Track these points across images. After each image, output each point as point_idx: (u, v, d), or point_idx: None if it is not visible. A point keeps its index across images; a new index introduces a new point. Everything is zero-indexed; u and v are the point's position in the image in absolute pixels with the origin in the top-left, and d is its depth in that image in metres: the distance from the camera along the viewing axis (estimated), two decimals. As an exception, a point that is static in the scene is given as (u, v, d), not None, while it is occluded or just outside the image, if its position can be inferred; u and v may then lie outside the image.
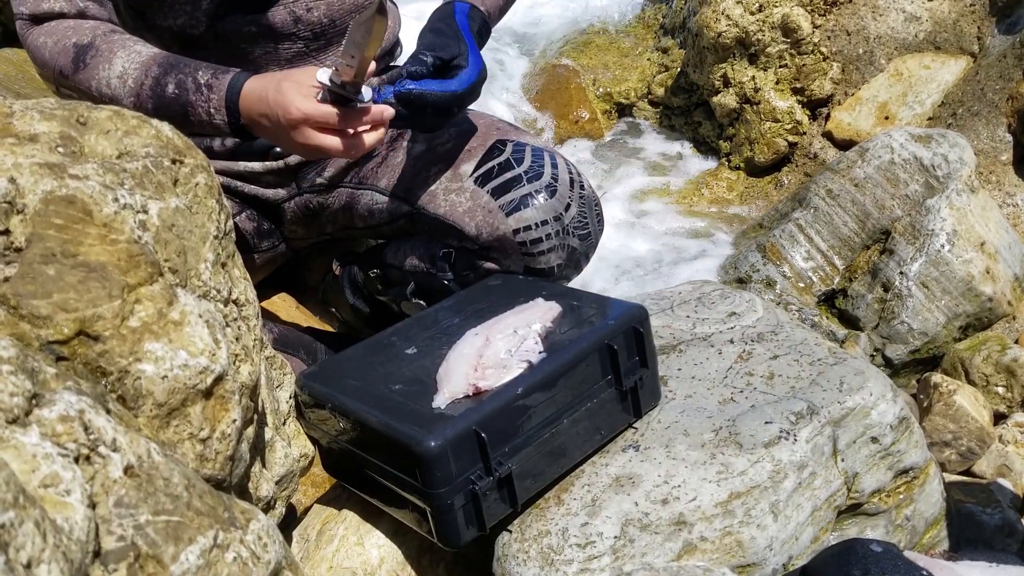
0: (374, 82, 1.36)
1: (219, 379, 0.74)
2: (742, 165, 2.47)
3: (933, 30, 2.30)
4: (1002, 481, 1.44)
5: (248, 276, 0.93)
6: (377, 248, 1.58)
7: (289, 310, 1.67)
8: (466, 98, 1.23)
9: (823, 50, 2.38)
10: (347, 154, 1.14)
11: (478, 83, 1.24)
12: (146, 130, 0.84)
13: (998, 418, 1.60)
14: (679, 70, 2.67)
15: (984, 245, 1.77)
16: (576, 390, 1.01)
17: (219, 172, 1.41)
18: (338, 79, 1.08)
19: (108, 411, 0.64)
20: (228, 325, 0.83)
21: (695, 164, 2.57)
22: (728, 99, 2.44)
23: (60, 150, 0.75)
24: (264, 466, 0.94)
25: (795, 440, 1.03)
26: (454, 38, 1.25)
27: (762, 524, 0.98)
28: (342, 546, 1.05)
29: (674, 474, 1.00)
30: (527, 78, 2.85)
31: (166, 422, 0.70)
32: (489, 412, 0.94)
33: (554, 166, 1.32)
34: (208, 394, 0.73)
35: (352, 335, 1.65)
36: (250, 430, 0.84)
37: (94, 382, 0.68)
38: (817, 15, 2.39)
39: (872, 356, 1.78)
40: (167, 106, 1.17)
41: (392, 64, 1.53)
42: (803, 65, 2.38)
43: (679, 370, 1.18)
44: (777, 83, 2.40)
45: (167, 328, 0.71)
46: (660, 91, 2.71)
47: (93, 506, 0.57)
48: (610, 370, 1.04)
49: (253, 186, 1.47)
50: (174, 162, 0.83)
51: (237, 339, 0.84)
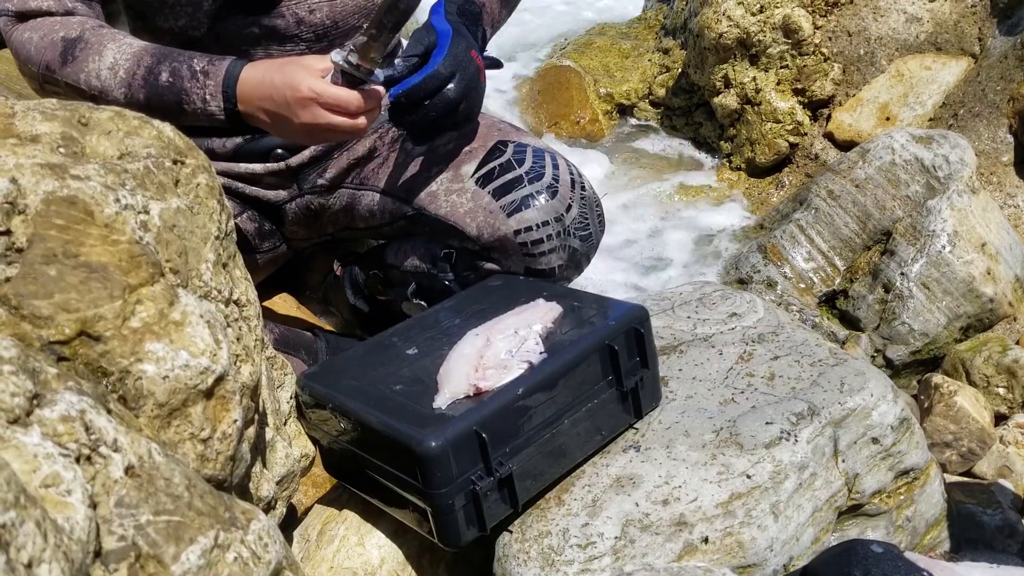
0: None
1: (220, 379, 0.74)
2: (743, 166, 2.47)
3: (934, 31, 2.30)
4: (1003, 482, 1.44)
5: (249, 276, 0.93)
6: (378, 248, 1.58)
7: (290, 310, 1.67)
8: (458, 75, 1.21)
9: (824, 51, 2.38)
10: (351, 134, 1.14)
11: (456, 56, 1.22)
12: (147, 131, 0.84)
13: (999, 419, 1.60)
14: (680, 71, 2.67)
15: (985, 246, 1.77)
16: (577, 391, 1.01)
17: (220, 173, 1.41)
18: (354, 59, 1.10)
19: (109, 411, 0.64)
20: (229, 325, 0.83)
21: (696, 165, 2.57)
22: (729, 100, 2.44)
23: (62, 151, 0.75)
24: (265, 466, 0.94)
25: (796, 441, 1.03)
26: (424, 33, 1.25)
27: (763, 525, 0.98)
28: (343, 546, 1.05)
29: (675, 475, 1.00)
30: (528, 79, 2.85)
31: (167, 422, 0.70)
32: (490, 412, 0.94)
33: (555, 167, 1.32)
34: (209, 394, 0.73)
35: (353, 335, 1.65)
36: (251, 430, 0.84)
37: (95, 382, 0.68)
38: (818, 16, 2.39)
39: (873, 357, 1.78)
40: (160, 95, 1.15)
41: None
42: (804, 66, 2.37)
43: (680, 371, 1.18)
44: (778, 84, 2.39)
45: (168, 328, 0.72)
46: (661, 92, 2.71)
47: (94, 506, 0.57)
48: (611, 371, 1.04)
49: (254, 187, 1.47)
50: (175, 163, 0.83)
51: (238, 339, 0.84)
